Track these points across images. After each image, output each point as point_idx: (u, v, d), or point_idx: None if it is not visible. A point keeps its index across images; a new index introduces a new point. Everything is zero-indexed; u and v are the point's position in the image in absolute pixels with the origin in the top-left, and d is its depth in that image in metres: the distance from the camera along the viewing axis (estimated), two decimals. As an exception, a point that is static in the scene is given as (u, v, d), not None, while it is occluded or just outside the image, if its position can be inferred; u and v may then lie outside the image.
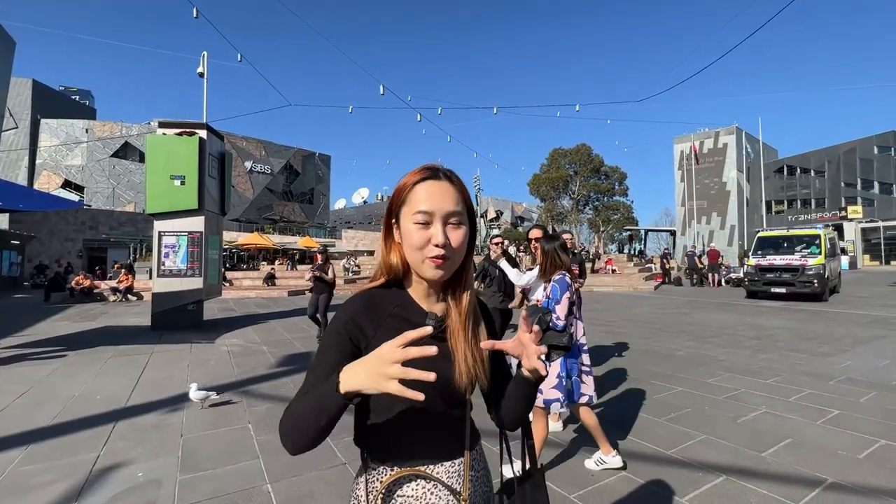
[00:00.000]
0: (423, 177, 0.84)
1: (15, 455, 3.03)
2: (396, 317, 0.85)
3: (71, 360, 5.98)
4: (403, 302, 0.88)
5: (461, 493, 0.83)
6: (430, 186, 0.83)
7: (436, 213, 0.81)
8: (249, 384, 4.79)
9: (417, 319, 0.85)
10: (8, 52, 27.04)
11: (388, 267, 0.89)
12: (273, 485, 2.61)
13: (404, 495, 0.82)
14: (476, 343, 0.86)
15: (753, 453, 2.94)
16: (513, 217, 71.35)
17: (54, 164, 36.02)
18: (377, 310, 0.85)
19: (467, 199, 0.87)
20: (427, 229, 0.81)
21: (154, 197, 8.68)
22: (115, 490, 2.56)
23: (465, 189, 0.87)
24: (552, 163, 39.15)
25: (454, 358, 0.83)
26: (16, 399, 4.30)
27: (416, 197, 0.83)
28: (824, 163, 41.59)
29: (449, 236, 0.82)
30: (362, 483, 0.85)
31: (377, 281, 0.90)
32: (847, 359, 5.60)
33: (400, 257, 0.87)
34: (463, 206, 0.85)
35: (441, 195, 0.83)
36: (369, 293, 0.88)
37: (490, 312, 1.00)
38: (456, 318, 0.86)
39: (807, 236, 13.72)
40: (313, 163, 49.98)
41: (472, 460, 0.89)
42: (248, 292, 17.30)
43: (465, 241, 0.85)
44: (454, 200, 0.83)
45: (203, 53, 12.08)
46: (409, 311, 0.87)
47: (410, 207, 0.83)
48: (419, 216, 0.81)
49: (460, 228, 0.84)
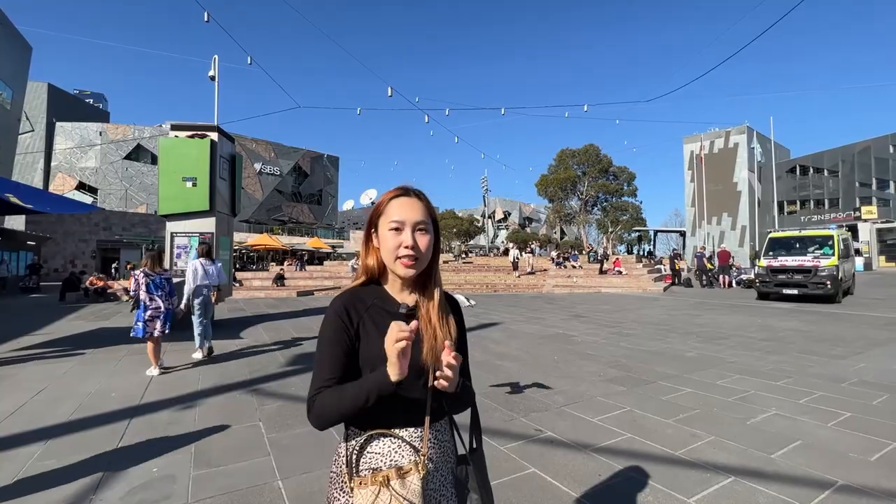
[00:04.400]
0: (397, 194, 1.06)
1: (35, 450, 3.12)
2: (375, 307, 1.05)
3: (86, 359, 6.11)
4: (381, 296, 1.08)
5: (421, 451, 1.00)
6: (402, 202, 1.05)
7: (406, 221, 1.02)
8: (260, 383, 4.85)
9: (392, 308, 1.05)
10: (25, 57, 27.63)
11: (367, 268, 1.10)
12: (284, 481, 2.65)
13: (374, 452, 1.01)
14: (447, 328, 1.06)
15: (763, 455, 2.92)
16: (521, 218, 71.13)
17: (69, 166, 36.72)
18: (360, 302, 1.05)
19: (432, 212, 1.08)
20: (399, 235, 1.02)
21: (166, 198, 8.83)
22: (131, 485, 2.62)
23: (430, 205, 1.08)
24: (560, 163, 38.91)
25: (423, 341, 1.01)
26: (34, 396, 4.41)
27: (391, 209, 1.04)
28: (838, 162, 40.92)
29: (417, 241, 1.02)
30: (343, 443, 1.05)
31: (358, 280, 1.10)
32: (860, 361, 5.52)
33: (377, 259, 1.08)
34: (428, 218, 1.05)
35: (411, 208, 1.04)
36: (353, 290, 1.08)
37: (458, 305, 1.19)
38: (427, 308, 1.06)
39: (819, 237, 13.52)
40: (322, 164, 50.33)
41: (436, 430, 1.06)
42: (258, 293, 17.48)
43: (431, 246, 1.05)
44: (421, 213, 1.04)
45: (214, 57, 12.26)
46: (386, 302, 1.07)
47: (386, 217, 1.04)
48: (393, 224, 1.02)
49: (426, 235, 1.04)
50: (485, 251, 38.35)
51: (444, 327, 1.06)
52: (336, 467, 1.05)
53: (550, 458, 2.92)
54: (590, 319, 9.80)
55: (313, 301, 15.32)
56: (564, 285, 19.13)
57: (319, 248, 35.05)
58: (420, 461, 0.99)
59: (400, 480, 0.97)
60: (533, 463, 2.85)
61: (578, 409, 3.91)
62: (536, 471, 2.75)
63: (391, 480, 0.96)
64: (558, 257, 23.63)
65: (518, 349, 6.58)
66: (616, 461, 2.86)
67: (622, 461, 2.86)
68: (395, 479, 0.97)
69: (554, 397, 4.25)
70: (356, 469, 1.00)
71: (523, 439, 3.24)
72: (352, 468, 1.00)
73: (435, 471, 1.03)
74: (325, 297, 16.90)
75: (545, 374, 5.14)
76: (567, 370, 5.31)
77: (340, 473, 1.02)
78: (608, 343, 6.96)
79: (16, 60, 26.33)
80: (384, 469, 0.98)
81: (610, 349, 6.48)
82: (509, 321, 9.69)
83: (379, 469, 0.99)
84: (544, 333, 8.02)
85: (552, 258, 24.02)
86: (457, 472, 1.11)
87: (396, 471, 0.97)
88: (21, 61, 27.14)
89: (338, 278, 21.36)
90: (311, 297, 17.19)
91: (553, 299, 15.21)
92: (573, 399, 4.18)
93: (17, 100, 27.11)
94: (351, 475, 0.99)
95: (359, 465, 1.00)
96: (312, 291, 18.06)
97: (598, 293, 17.57)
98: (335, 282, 20.58)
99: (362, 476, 0.99)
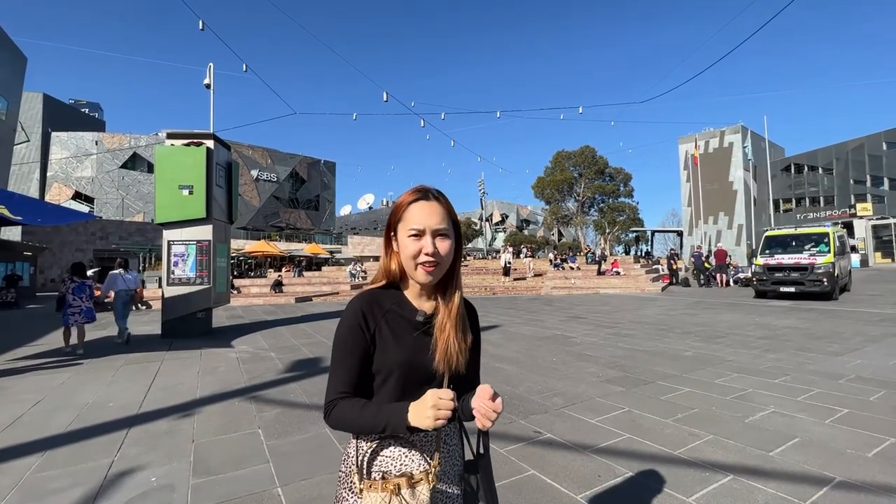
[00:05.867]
0: (416, 197, 1.02)
1: (32, 461, 3.10)
2: (393, 312, 1.03)
3: (84, 369, 6.08)
4: (399, 300, 1.06)
5: (433, 462, 1.00)
6: (422, 206, 1.01)
7: (426, 228, 0.99)
8: (259, 390, 4.84)
9: (409, 315, 1.04)
10: (20, 68, 27.63)
11: (389, 271, 1.06)
12: (283, 488, 2.64)
13: (385, 455, 1.00)
14: (463, 336, 1.05)
15: (761, 453, 2.93)
16: (518, 220, 71.25)
17: (65, 176, 36.63)
18: (378, 305, 1.03)
19: (453, 214, 1.04)
20: (419, 241, 0.99)
21: (163, 207, 8.83)
22: (129, 494, 2.61)
23: (450, 206, 1.04)
24: (556, 165, 39.05)
25: (437, 348, 1.01)
26: (31, 407, 4.38)
27: (410, 215, 1.01)
28: (832, 160, 41.14)
29: (437, 247, 0.99)
30: (353, 444, 1.03)
31: (378, 283, 1.07)
32: (857, 357, 5.55)
33: (398, 264, 1.05)
34: (448, 222, 1.02)
35: (430, 213, 1.00)
36: (372, 292, 1.05)
37: (475, 310, 1.16)
38: (445, 314, 1.04)
39: (815, 235, 13.59)
40: (318, 170, 50.34)
41: (445, 435, 1.06)
42: (256, 299, 17.44)
43: (452, 251, 1.02)
44: (441, 217, 1.01)
45: (209, 65, 12.28)
46: (404, 308, 1.05)
47: (406, 224, 1.01)
48: (412, 231, 0.99)
49: (447, 240, 1.01)
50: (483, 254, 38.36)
51: (460, 334, 1.04)
52: (345, 467, 1.04)
53: (550, 460, 2.92)
54: (588, 320, 9.81)
55: (311, 307, 15.29)
56: (562, 287, 19.15)
57: (317, 254, 34.97)
58: (431, 472, 0.99)
59: (410, 490, 0.97)
60: (533, 465, 2.86)
61: (577, 410, 3.92)
62: (536, 473, 2.75)
63: (402, 489, 0.96)
64: (556, 258, 23.68)
65: (517, 351, 6.59)
66: (615, 462, 2.87)
67: (622, 462, 2.87)
68: (406, 489, 0.96)
69: (553, 399, 4.25)
70: (367, 471, 1.00)
71: (523, 441, 3.24)
72: (362, 470, 0.99)
73: (443, 475, 1.03)
74: (322, 304, 16.87)
75: (544, 375, 5.15)
76: (566, 371, 5.32)
77: (350, 473, 1.02)
78: (607, 344, 6.97)
79: (11, 71, 26.32)
80: (394, 474, 0.98)
81: (608, 350, 6.49)
82: (507, 323, 9.70)
83: (389, 473, 0.99)
84: (543, 335, 8.02)
85: (550, 260, 24.06)
86: (465, 479, 1.09)
87: (407, 480, 0.97)
88: (16, 72, 27.13)
89: (336, 284, 21.33)
90: (310, 303, 17.16)
91: (551, 301, 15.22)
92: (572, 400, 4.19)
93: (13, 110, 27.06)
94: (361, 477, 0.98)
95: (370, 467, 1.00)
96: (311, 297, 18.02)
97: (596, 294, 17.59)
98: (333, 287, 20.55)
99: (373, 480, 0.98)
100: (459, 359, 1.02)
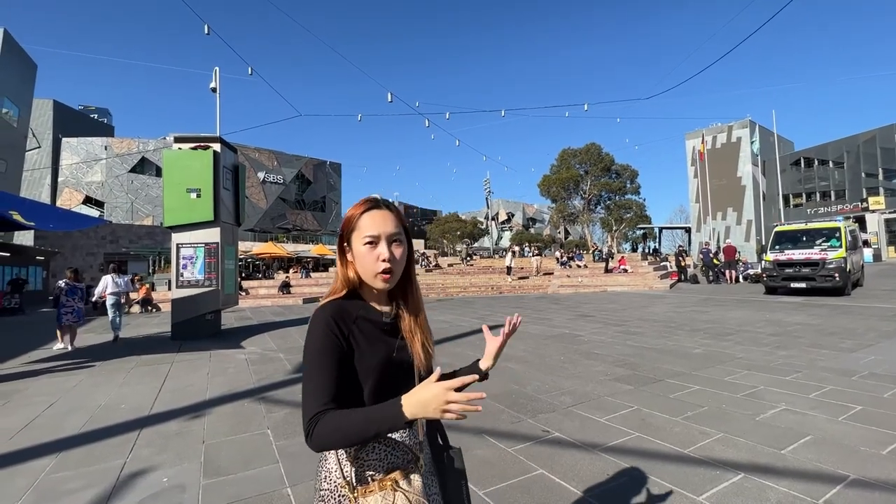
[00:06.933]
0: (368, 207, 1.04)
1: (46, 463, 3.15)
2: (361, 318, 1.04)
3: (96, 371, 6.17)
4: (364, 307, 1.07)
5: (418, 454, 1.05)
6: (374, 214, 1.03)
7: (381, 234, 1.02)
8: (267, 391, 4.88)
9: (375, 318, 1.06)
10: (30, 75, 28.06)
11: (348, 280, 1.07)
12: (293, 488, 2.66)
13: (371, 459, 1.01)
14: (430, 335, 1.12)
15: (773, 451, 2.90)
16: (524, 219, 71.07)
17: (75, 181, 37.14)
18: (346, 313, 1.03)
19: (403, 222, 1.08)
20: (375, 248, 1.01)
21: (171, 210, 8.92)
22: (141, 495, 2.65)
23: (401, 214, 1.08)
24: (562, 163, 38.87)
25: (412, 350, 1.06)
26: (45, 409, 4.45)
27: (363, 223, 1.03)
28: (843, 153, 40.55)
29: (393, 252, 1.02)
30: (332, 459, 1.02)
31: (339, 293, 1.06)
32: (870, 353, 5.46)
33: (355, 272, 1.06)
34: (401, 228, 1.05)
35: (384, 220, 1.03)
36: (337, 302, 1.05)
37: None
38: (407, 315, 1.09)
39: (826, 229, 13.40)
40: (324, 171, 50.57)
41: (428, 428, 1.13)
42: (264, 301, 17.57)
43: (405, 255, 1.07)
44: (394, 224, 1.04)
45: (215, 69, 12.38)
46: (370, 313, 1.06)
47: (360, 232, 1.02)
48: (367, 238, 1.01)
49: (401, 246, 1.05)
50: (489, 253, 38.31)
51: (428, 334, 1.11)
52: (328, 483, 1.00)
53: (558, 459, 2.91)
54: (596, 318, 9.76)
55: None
56: (570, 285, 19.07)
57: (324, 255, 35.11)
58: (420, 462, 1.05)
59: (406, 481, 1.00)
60: (541, 464, 2.85)
61: (586, 409, 3.90)
62: (544, 472, 2.75)
63: (399, 482, 0.99)
64: (563, 257, 23.57)
65: (524, 350, 6.57)
66: (624, 461, 2.85)
67: (631, 460, 2.85)
68: (402, 480, 1.00)
69: (561, 398, 4.24)
70: (357, 480, 0.98)
71: (531, 441, 3.23)
72: (352, 481, 0.98)
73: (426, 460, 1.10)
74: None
75: (552, 374, 5.13)
76: (574, 370, 5.29)
77: (337, 487, 0.99)
78: (615, 342, 6.93)
79: (21, 79, 26.75)
80: (384, 473, 1.00)
81: (617, 348, 6.46)
82: (515, 323, 9.65)
83: (378, 474, 0.99)
84: (550, 333, 8.00)
85: (557, 258, 23.96)
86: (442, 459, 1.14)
87: (401, 472, 1.00)
88: (26, 79, 27.57)
89: (343, 284, 21.39)
90: (317, 303, 17.22)
91: (558, 299, 15.16)
92: (580, 399, 4.17)
93: (24, 117, 27.51)
94: (353, 487, 0.97)
95: (359, 475, 0.98)
96: (318, 298, 18.10)
97: (603, 292, 17.49)
98: (340, 288, 20.61)
99: (365, 485, 0.98)
100: (430, 356, 1.11)
